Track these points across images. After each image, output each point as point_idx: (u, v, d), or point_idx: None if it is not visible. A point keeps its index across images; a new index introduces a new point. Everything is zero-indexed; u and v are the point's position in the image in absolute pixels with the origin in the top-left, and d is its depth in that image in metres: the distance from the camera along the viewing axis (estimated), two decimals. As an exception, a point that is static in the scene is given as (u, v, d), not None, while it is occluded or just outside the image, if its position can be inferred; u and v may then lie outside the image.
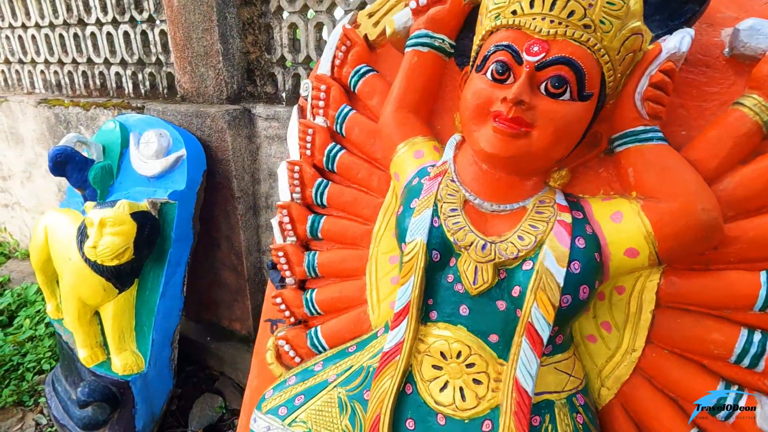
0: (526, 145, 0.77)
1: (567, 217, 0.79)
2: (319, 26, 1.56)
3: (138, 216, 1.40)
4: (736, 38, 0.78)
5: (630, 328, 0.86)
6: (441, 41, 0.97)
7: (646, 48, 0.77)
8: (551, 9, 0.72)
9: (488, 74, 0.80)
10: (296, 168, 1.18)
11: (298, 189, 1.20)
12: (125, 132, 1.61)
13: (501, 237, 0.81)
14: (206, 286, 1.89)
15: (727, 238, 0.76)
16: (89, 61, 2.11)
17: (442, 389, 0.82)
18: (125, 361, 1.51)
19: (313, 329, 1.16)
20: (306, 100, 1.24)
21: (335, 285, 1.17)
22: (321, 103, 1.18)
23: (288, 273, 1.21)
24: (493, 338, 0.80)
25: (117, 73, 2.05)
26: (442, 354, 0.83)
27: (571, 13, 0.71)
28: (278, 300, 1.20)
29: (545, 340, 0.74)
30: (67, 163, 1.51)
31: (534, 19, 0.74)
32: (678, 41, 0.75)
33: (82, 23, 2.05)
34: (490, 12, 0.80)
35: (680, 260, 0.79)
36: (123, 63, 2.02)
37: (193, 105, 1.66)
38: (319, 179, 1.18)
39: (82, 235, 1.44)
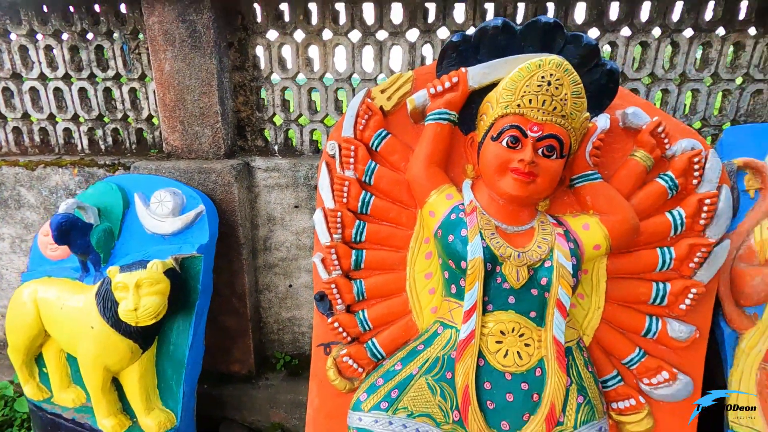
0: (534, 188, 1.22)
1: (561, 230, 1.27)
2: (309, 90, 1.82)
3: (169, 273, 1.46)
4: (625, 117, 1.35)
5: (595, 294, 1.37)
6: (454, 116, 1.38)
7: (588, 126, 1.29)
8: (542, 105, 1.19)
9: (504, 142, 1.23)
10: (338, 214, 1.45)
11: (339, 231, 1.46)
12: (125, 193, 1.61)
13: (525, 248, 1.24)
14: (201, 334, 1.92)
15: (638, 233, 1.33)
16: (24, 116, 1.94)
17: (504, 356, 1.21)
18: (157, 419, 1.51)
19: (370, 342, 1.43)
20: (332, 157, 1.51)
21: (382, 303, 1.46)
22: (351, 160, 1.47)
23: (339, 300, 1.46)
24: (533, 314, 1.22)
25: (66, 129, 1.94)
26: (501, 332, 1.21)
27: (555, 108, 1.19)
28: (336, 324, 1.44)
29: (568, 309, 1.19)
30: (71, 231, 1.45)
31: (532, 111, 1.19)
32: (604, 121, 1.29)
33: (16, 77, 1.89)
34: (500, 104, 1.24)
35: (619, 248, 1.32)
36: (75, 119, 1.93)
37: (192, 162, 1.74)
38: (357, 221, 1.46)
39: (105, 300, 1.43)
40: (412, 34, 1.73)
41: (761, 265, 1.42)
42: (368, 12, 1.71)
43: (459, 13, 1.69)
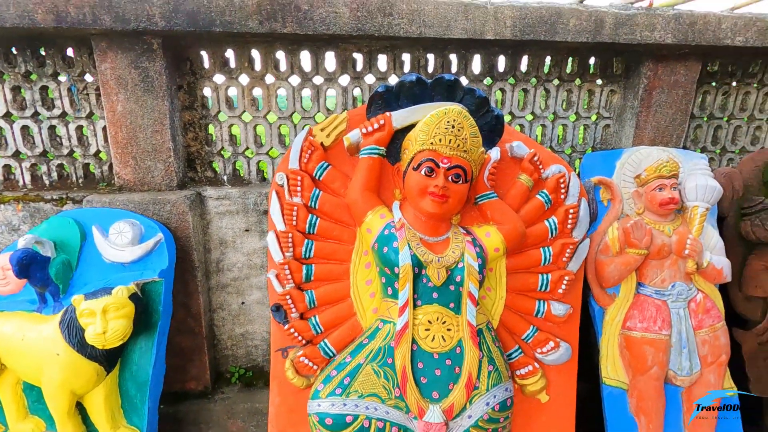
0: (447, 207, 1.57)
1: (469, 238, 1.63)
2: (255, 126, 2.05)
3: (133, 297, 1.59)
4: (511, 149, 1.77)
5: (499, 286, 1.75)
6: (382, 151, 1.69)
7: (484, 157, 1.68)
8: (449, 143, 1.54)
9: (423, 172, 1.56)
10: (290, 235, 1.69)
11: (291, 249, 1.70)
12: (81, 226, 1.70)
13: (443, 254, 1.58)
14: (156, 356, 2.02)
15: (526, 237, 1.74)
16: (-43, 154, 1.93)
17: (432, 340, 1.52)
18: (124, 436, 1.61)
19: (322, 342, 1.68)
20: (281, 186, 1.75)
21: (331, 308, 1.72)
22: (299, 188, 1.72)
23: (294, 309, 1.69)
24: (452, 305, 1.56)
25: (6, 166, 1.96)
26: (429, 321, 1.53)
27: (458, 145, 1.55)
28: (292, 330, 1.66)
29: (477, 299, 1.54)
30: (30, 265, 1.53)
31: (442, 147, 1.54)
32: (496, 154, 1.70)
33: (-51, 115, 1.89)
34: (418, 142, 1.57)
35: (513, 250, 1.72)
36: (16, 155, 1.96)
37: (146, 194, 1.87)
38: (306, 240, 1.71)
39: (71, 327, 1.53)
40: (344, 80, 2.04)
41: (614, 256, 1.90)
42: (305, 60, 2.00)
43: (382, 63, 2.04)
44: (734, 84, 2.26)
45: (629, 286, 1.92)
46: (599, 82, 2.17)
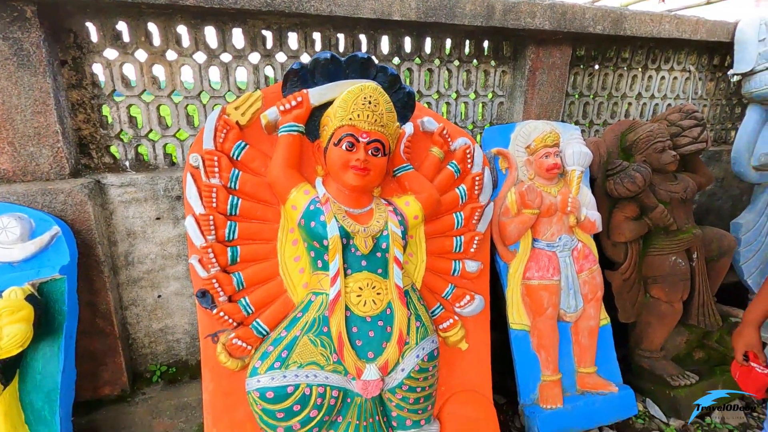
0: (369, 179, 1.66)
1: (391, 208, 1.74)
2: (158, 107, 1.90)
3: (30, 299, 1.42)
4: (422, 124, 1.91)
5: (419, 251, 1.90)
6: (301, 128, 1.71)
7: (399, 132, 1.79)
8: (367, 118, 1.62)
9: (343, 147, 1.63)
10: (210, 217, 1.63)
11: (213, 232, 1.65)
12: (-50, 225, 1.45)
13: (368, 224, 1.67)
14: (60, 364, 1.82)
15: (440, 204, 1.90)
16: None
17: (364, 305, 1.62)
18: (33, 453, 1.45)
19: (254, 322, 1.67)
20: (196, 168, 1.67)
21: (261, 288, 1.71)
22: (216, 169, 1.67)
23: (221, 293, 1.65)
24: (379, 271, 1.66)
25: None
26: (359, 287, 1.62)
27: (376, 120, 1.64)
28: (222, 314, 1.63)
29: (402, 262, 1.67)
30: None
31: (361, 122, 1.62)
32: (410, 128, 1.82)
33: None
34: (337, 118, 1.63)
35: (430, 217, 1.87)
36: None
37: (31, 184, 1.64)
38: (229, 222, 1.68)
39: (-49, 341, 1.32)
40: (255, 57, 1.99)
41: (513, 217, 2.17)
42: (211, 36, 1.91)
43: (293, 41, 2.03)
44: (596, 67, 2.68)
45: (526, 242, 2.21)
46: (493, 63, 2.42)
